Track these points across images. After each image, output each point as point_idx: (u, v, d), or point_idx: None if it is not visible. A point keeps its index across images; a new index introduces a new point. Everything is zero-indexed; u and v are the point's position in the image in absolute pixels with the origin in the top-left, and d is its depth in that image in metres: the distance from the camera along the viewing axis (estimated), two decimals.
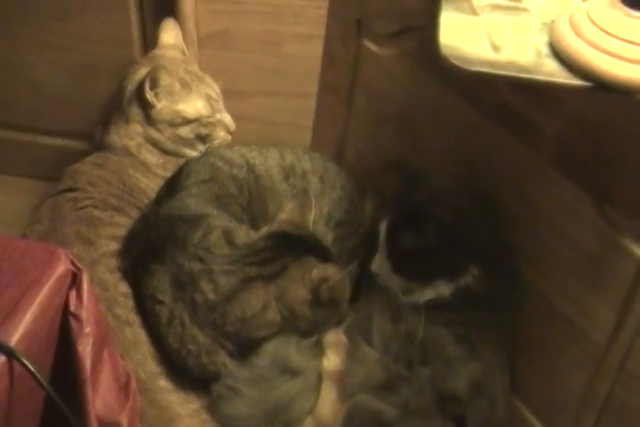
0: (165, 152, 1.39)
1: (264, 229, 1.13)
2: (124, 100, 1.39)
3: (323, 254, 1.12)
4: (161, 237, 1.12)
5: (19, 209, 1.62)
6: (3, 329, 0.76)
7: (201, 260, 1.08)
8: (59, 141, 1.71)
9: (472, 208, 1.07)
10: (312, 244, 1.13)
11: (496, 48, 0.92)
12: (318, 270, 1.08)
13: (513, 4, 0.99)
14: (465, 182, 1.13)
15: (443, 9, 0.98)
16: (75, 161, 1.38)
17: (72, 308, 0.85)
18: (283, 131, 1.59)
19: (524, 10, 0.98)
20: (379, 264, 1.10)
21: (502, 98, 1.06)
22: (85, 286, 0.86)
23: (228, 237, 1.10)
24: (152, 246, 1.12)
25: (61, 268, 0.83)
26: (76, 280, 0.85)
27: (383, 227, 1.10)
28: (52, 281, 0.82)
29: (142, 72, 1.39)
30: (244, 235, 1.11)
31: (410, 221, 1.07)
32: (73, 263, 0.85)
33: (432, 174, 1.14)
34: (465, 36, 0.94)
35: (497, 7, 0.99)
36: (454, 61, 0.90)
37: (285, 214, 1.15)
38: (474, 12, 0.98)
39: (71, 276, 0.85)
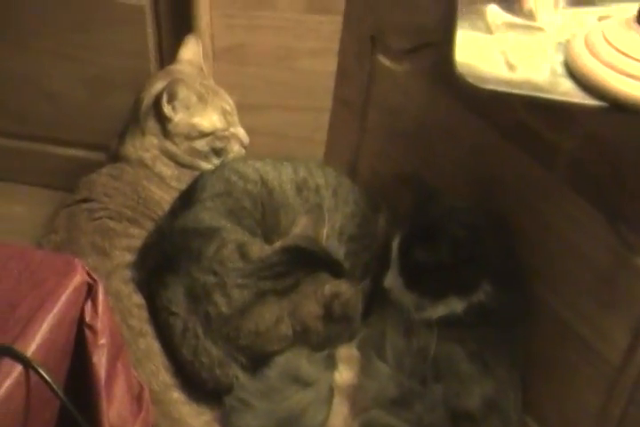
0: (180, 165, 1.39)
1: (277, 244, 1.14)
2: (141, 112, 1.40)
3: (335, 270, 1.13)
4: (175, 249, 1.13)
5: (34, 219, 1.63)
6: (20, 339, 0.77)
7: (215, 273, 1.09)
8: (74, 152, 1.71)
9: (485, 225, 1.07)
10: (325, 259, 1.13)
11: (511, 67, 0.93)
12: (331, 286, 1.08)
13: (528, 23, 0.99)
14: (478, 199, 1.13)
15: (458, 27, 0.99)
16: (90, 172, 1.39)
17: (87, 319, 0.85)
18: (296, 145, 1.59)
19: (539, 29, 0.98)
20: (391, 280, 1.10)
21: (517, 116, 1.06)
22: (101, 297, 0.86)
23: (242, 251, 1.10)
24: (167, 258, 1.13)
25: (78, 279, 0.83)
26: (91, 291, 0.85)
27: (396, 243, 1.10)
28: (68, 292, 0.82)
29: (159, 85, 1.40)
30: (258, 249, 1.12)
31: (423, 237, 1.08)
32: (89, 274, 0.86)
33: (445, 191, 1.14)
34: (480, 55, 0.94)
35: (512, 26, 0.99)
36: (470, 80, 0.90)
37: (299, 229, 1.15)
38: (489, 31, 0.98)
39: (87, 287, 0.85)
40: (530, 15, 1.00)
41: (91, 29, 1.53)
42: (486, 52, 0.94)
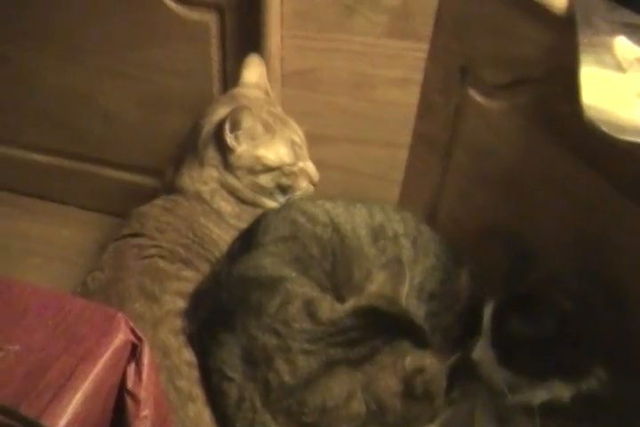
0: (242, 201, 1.27)
1: (351, 302, 1.00)
2: (200, 141, 1.28)
3: (418, 338, 0.99)
4: (232, 301, 1.01)
5: (81, 244, 1.61)
6: (49, 410, 0.68)
7: (277, 334, 0.96)
8: (126, 176, 1.67)
9: (597, 296, 0.93)
10: (407, 324, 1.00)
11: None
12: (414, 359, 0.94)
13: None
14: (586, 264, 1.00)
15: (582, 62, 0.86)
16: (142, 197, 1.30)
17: (129, 385, 0.76)
18: (369, 183, 1.48)
19: None
20: (481, 352, 0.97)
21: (638, 168, 0.93)
22: (146, 360, 0.77)
23: (311, 310, 0.97)
24: (222, 311, 1.01)
25: (120, 337, 0.75)
26: (135, 352, 0.77)
27: (488, 309, 0.97)
28: (108, 354, 0.74)
29: (221, 112, 1.28)
30: (329, 308, 0.98)
31: (521, 305, 0.95)
32: (133, 332, 0.77)
33: (545, 251, 1.01)
34: (612, 97, 0.83)
35: None
36: (604, 128, 0.78)
37: (376, 286, 1.02)
38: (620, 68, 0.87)
39: (130, 347, 0.76)
40: None
41: (149, 46, 1.45)
42: (619, 93, 0.83)
